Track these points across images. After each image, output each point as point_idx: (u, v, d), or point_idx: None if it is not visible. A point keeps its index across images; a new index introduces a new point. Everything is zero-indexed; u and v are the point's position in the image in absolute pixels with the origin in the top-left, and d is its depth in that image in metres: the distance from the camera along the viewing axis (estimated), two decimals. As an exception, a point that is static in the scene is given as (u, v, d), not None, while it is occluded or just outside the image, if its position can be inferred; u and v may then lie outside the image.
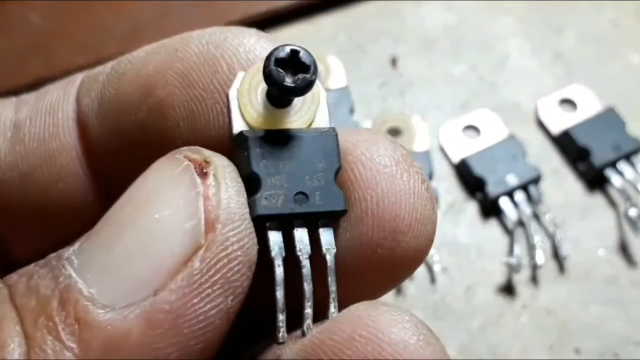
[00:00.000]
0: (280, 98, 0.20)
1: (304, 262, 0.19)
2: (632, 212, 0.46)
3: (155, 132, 0.21)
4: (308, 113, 0.20)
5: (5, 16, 0.56)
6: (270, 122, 0.20)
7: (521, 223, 0.47)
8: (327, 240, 0.19)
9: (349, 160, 0.20)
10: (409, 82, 0.55)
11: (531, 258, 0.45)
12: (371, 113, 0.52)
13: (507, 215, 0.47)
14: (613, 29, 0.58)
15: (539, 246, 0.45)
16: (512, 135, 0.50)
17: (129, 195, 0.19)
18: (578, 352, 0.43)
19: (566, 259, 0.46)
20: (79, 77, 0.24)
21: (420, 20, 0.59)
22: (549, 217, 0.47)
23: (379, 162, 0.20)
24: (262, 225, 0.19)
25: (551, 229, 0.46)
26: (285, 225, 0.19)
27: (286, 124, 0.20)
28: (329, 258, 0.19)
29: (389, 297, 0.44)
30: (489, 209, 0.48)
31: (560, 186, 0.49)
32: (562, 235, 0.46)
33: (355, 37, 0.57)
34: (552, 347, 0.43)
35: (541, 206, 0.47)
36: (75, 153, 0.23)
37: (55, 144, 0.23)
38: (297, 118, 0.20)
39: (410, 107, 0.53)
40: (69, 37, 0.55)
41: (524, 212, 0.47)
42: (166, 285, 0.17)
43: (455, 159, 0.50)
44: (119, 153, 0.22)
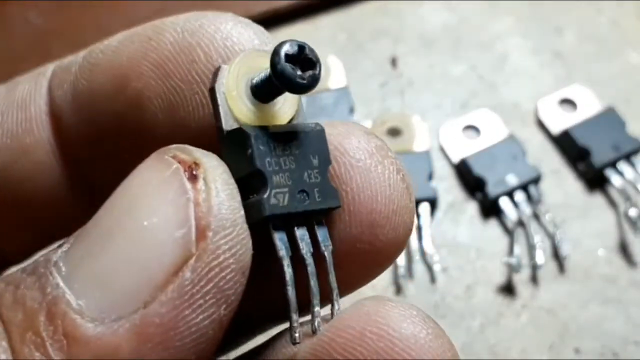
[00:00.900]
0: (275, 92, 0.19)
1: (309, 260, 0.19)
2: (632, 212, 0.46)
3: (132, 123, 0.21)
4: (291, 108, 0.20)
5: (4, 16, 0.56)
6: (260, 118, 0.19)
7: (521, 223, 0.47)
8: (324, 237, 0.19)
9: None
10: (409, 82, 0.55)
11: (531, 258, 0.45)
12: (371, 113, 0.52)
13: (507, 215, 0.47)
14: (613, 29, 0.58)
15: (539, 246, 0.45)
16: (512, 135, 0.50)
17: (116, 198, 0.18)
18: (578, 352, 0.43)
19: (566, 259, 0.46)
20: (49, 67, 0.23)
21: (420, 20, 0.59)
22: (549, 217, 0.47)
23: (352, 155, 0.20)
24: (266, 224, 0.19)
25: (551, 229, 0.46)
26: (287, 223, 0.19)
27: (273, 120, 0.20)
28: (327, 255, 0.19)
29: (389, 296, 0.44)
30: (489, 209, 0.48)
31: (560, 186, 0.49)
32: (562, 235, 0.46)
33: (355, 37, 0.57)
34: (552, 347, 0.43)
35: (541, 206, 0.47)
36: (50, 147, 0.22)
37: (29, 140, 0.22)
38: (281, 113, 0.20)
39: (410, 107, 0.53)
40: (69, 37, 0.55)
41: (524, 212, 0.47)
42: (156, 297, 0.16)
43: (455, 159, 0.50)
44: (96, 145, 0.22)
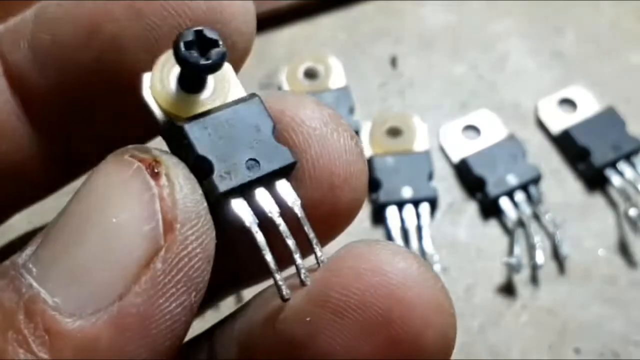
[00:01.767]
0: (197, 80, 0.20)
1: (278, 220, 0.20)
2: (632, 212, 0.46)
3: (111, 69, 0.20)
4: (223, 91, 0.20)
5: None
6: (195, 108, 0.20)
7: (521, 223, 0.47)
8: (289, 194, 0.20)
9: (279, 127, 0.20)
10: (409, 82, 0.55)
11: (531, 258, 0.45)
12: (371, 113, 0.52)
13: (507, 215, 0.47)
14: (613, 29, 0.58)
15: (539, 246, 0.45)
16: (512, 135, 0.50)
17: (82, 199, 0.18)
18: (578, 352, 0.43)
19: (566, 259, 0.46)
20: None
21: (420, 20, 0.59)
22: (549, 217, 0.47)
23: (309, 125, 0.20)
24: (224, 201, 0.19)
25: (551, 229, 0.46)
26: (245, 194, 0.20)
27: (210, 106, 0.20)
28: (297, 210, 0.20)
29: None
30: (489, 209, 0.48)
31: (560, 186, 0.49)
32: (562, 235, 0.46)
33: (355, 37, 0.57)
34: (552, 347, 0.43)
35: (541, 206, 0.47)
36: (10, 107, 0.22)
37: None
38: (215, 98, 0.20)
39: (410, 107, 0.53)
40: None
41: (524, 212, 0.47)
42: (131, 288, 0.17)
43: (455, 159, 0.50)
44: (69, 106, 0.21)
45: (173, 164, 0.18)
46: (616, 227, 0.47)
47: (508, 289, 0.45)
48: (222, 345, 0.22)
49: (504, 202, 0.47)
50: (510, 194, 0.47)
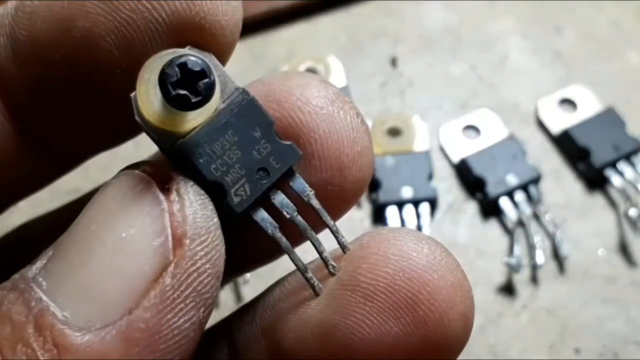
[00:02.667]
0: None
1: (297, 220, 0.20)
2: (632, 212, 0.46)
3: (86, 66, 0.20)
4: (215, 97, 0.20)
5: None
6: (187, 122, 0.19)
7: (521, 223, 0.47)
8: (302, 188, 0.20)
9: (286, 107, 0.21)
10: (409, 81, 0.55)
11: (531, 258, 0.45)
12: (371, 113, 0.52)
13: (507, 215, 0.47)
14: (613, 29, 0.58)
15: (539, 246, 0.45)
16: (512, 135, 0.50)
17: (91, 214, 0.18)
18: (578, 352, 0.43)
19: (566, 259, 0.46)
20: None
21: (420, 20, 0.59)
22: (549, 217, 0.47)
23: (315, 104, 0.21)
24: (245, 218, 0.20)
25: (551, 229, 0.46)
26: (262, 202, 0.20)
27: (200, 117, 0.19)
28: (313, 202, 0.20)
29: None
30: (489, 209, 0.48)
31: (560, 186, 0.49)
32: (562, 235, 0.46)
33: (355, 37, 0.57)
34: (552, 347, 0.43)
35: (541, 206, 0.47)
36: None
37: None
38: (206, 107, 0.19)
39: (410, 106, 0.53)
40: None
41: (524, 212, 0.47)
42: (140, 303, 0.17)
43: (455, 159, 0.50)
44: (46, 98, 0.21)
45: (183, 179, 0.18)
46: (616, 227, 0.47)
47: (508, 289, 0.45)
48: (246, 343, 0.22)
49: (504, 202, 0.47)
50: (510, 194, 0.47)
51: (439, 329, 0.19)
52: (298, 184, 0.20)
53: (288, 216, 0.20)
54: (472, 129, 0.52)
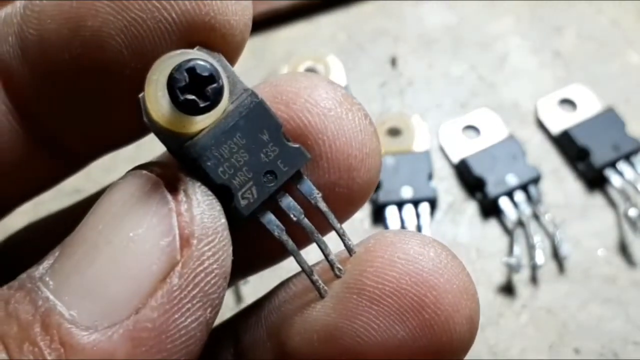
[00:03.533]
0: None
1: (304, 222, 0.20)
2: (632, 212, 0.46)
3: (95, 66, 0.20)
4: (223, 101, 0.19)
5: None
6: (196, 122, 0.19)
7: (521, 223, 0.47)
8: (310, 191, 0.20)
9: (294, 108, 0.20)
10: (409, 81, 0.55)
11: (531, 258, 0.45)
12: (371, 112, 0.52)
13: (507, 215, 0.47)
14: (613, 29, 0.58)
15: (538, 246, 0.45)
16: (511, 135, 0.50)
17: (99, 213, 0.18)
18: (578, 352, 0.43)
19: (566, 259, 0.46)
20: None
21: (419, 19, 0.59)
22: (549, 217, 0.47)
23: (323, 106, 0.20)
24: (252, 221, 0.20)
25: (551, 229, 0.46)
26: (269, 204, 0.20)
27: (208, 119, 0.19)
28: (320, 205, 0.20)
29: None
30: (489, 209, 0.48)
31: (560, 186, 0.49)
32: (561, 235, 0.46)
33: (354, 37, 0.57)
34: (552, 347, 0.43)
35: (541, 206, 0.47)
36: (4, 107, 0.22)
37: None
38: (215, 108, 0.19)
39: (410, 106, 0.54)
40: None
41: (523, 212, 0.47)
42: (147, 303, 0.17)
43: (455, 159, 0.50)
44: (55, 98, 0.21)
45: (191, 180, 0.18)
46: (616, 227, 0.47)
47: (508, 289, 0.45)
48: (252, 345, 0.22)
49: (504, 202, 0.47)
50: (510, 194, 0.47)
51: (445, 333, 0.19)
52: (306, 186, 0.20)
53: (295, 219, 0.20)
54: (471, 129, 0.52)
